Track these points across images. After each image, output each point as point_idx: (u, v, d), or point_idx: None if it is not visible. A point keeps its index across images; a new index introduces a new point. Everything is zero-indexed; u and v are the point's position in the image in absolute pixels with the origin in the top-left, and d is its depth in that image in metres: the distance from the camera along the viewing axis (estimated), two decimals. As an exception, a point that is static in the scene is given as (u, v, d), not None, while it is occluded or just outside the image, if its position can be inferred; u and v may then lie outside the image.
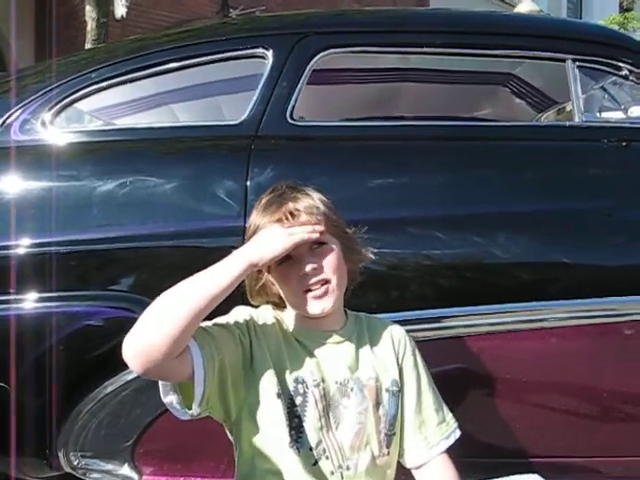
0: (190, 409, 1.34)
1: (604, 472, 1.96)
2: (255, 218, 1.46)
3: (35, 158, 1.95)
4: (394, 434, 1.47)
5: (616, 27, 13.13)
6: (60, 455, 1.84)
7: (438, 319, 1.83)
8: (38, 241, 1.82)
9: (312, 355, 1.45)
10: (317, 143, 2.00)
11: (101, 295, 1.83)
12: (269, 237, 1.38)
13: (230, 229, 1.77)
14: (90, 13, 6.62)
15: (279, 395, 1.38)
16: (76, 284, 1.83)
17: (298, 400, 1.39)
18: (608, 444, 1.92)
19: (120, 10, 7.57)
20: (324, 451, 1.40)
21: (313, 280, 1.41)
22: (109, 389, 1.80)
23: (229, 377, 1.36)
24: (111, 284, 1.86)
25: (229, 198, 1.83)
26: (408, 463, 1.50)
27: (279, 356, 1.42)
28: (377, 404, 1.45)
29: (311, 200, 1.44)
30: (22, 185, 1.91)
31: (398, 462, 1.51)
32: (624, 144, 2.01)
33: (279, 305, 1.52)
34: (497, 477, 1.46)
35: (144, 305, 1.76)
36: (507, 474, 1.47)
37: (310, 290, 1.42)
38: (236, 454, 1.46)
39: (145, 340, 1.23)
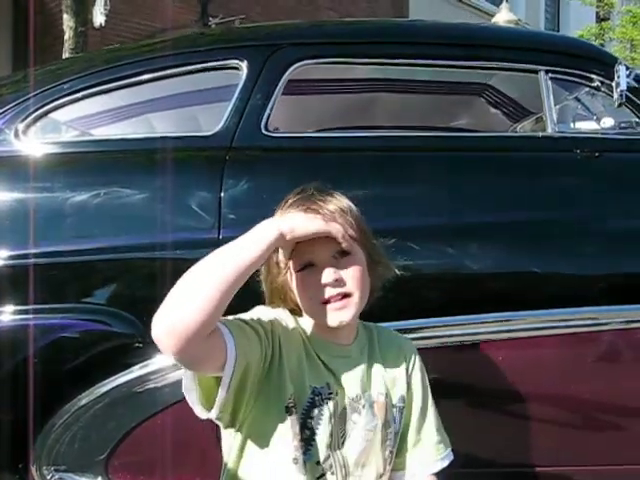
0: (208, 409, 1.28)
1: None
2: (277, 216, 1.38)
3: (8, 169, 1.93)
4: (395, 450, 1.45)
5: (593, 38, 13.28)
6: (33, 469, 1.82)
7: (418, 329, 1.83)
8: (11, 253, 1.80)
9: (328, 368, 1.39)
10: (292, 154, 2.00)
11: (75, 308, 1.82)
12: (303, 216, 1.31)
13: (204, 241, 1.76)
14: (68, 22, 6.57)
15: (288, 409, 1.32)
16: (50, 296, 1.81)
17: (314, 412, 1.34)
18: (581, 453, 1.93)
19: (99, 18, 7.53)
20: (330, 467, 1.35)
21: (333, 293, 1.34)
22: (83, 402, 1.79)
23: (249, 382, 1.29)
24: (85, 296, 1.85)
25: (203, 210, 1.82)
26: (397, 478, 1.47)
27: (299, 365, 1.36)
28: (386, 422, 1.42)
29: (341, 204, 1.36)
30: (-6, 196, 1.89)
31: None
32: (596, 155, 2.03)
33: (295, 312, 1.44)
34: None
35: (118, 317, 1.79)
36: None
37: (329, 301, 1.35)
38: (228, 461, 1.39)
39: (176, 316, 1.15)
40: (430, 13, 11.47)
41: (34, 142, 1.97)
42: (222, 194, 1.84)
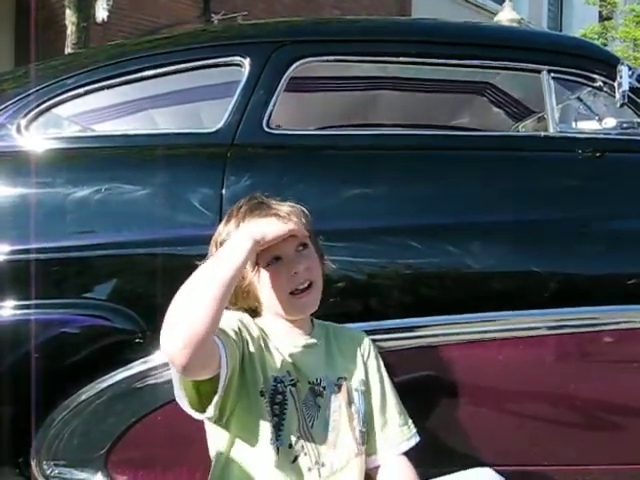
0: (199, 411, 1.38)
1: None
2: (233, 224, 1.49)
3: (10, 164, 1.93)
4: (367, 431, 1.53)
5: (595, 36, 13.26)
6: (33, 464, 1.83)
7: (415, 328, 1.84)
8: (13, 248, 1.80)
9: (287, 357, 1.50)
10: (294, 151, 2.00)
11: (76, 303, 1.82)
12: (268, 222, 1.44)
13: (205, 237, 1.76)
14: (70, 17, 6.58)
15: (262, 393, 1.43)
16: (51, 291, 1.82)
17: (278, 399, 1.44)
18: (578, 453, 1.93)
19: (101, 14, 7.54)
20: (302, 447, 1.45)
21: (302, 280, 1.49)
22: (83, 397, 1.79)
23: (234, 379, 1.41)
24: (87, 292, 1.85)
25: (205, 206, 1.83)
26: (372, 459, 1.56)
27: (261, 357, 1.47)
28: (349, 402, 1.51)
29: (291, 207, 1.51)
30: (-4, 191, 1.89)
31: None
32: (598, 155, 2.03)
33: (255, 311, 1.56)
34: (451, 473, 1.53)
35: (119, 313, 1.79)
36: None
37: (297, 290, 1.49)
38: (213, 455, 1.51)
39: (188, 329, 1.24)
40: (433, 11, 11.45)
41: (36, 137, 1.97)
42: (224, 191, 1.84)
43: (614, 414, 1.97)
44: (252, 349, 1.46)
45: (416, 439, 1.59)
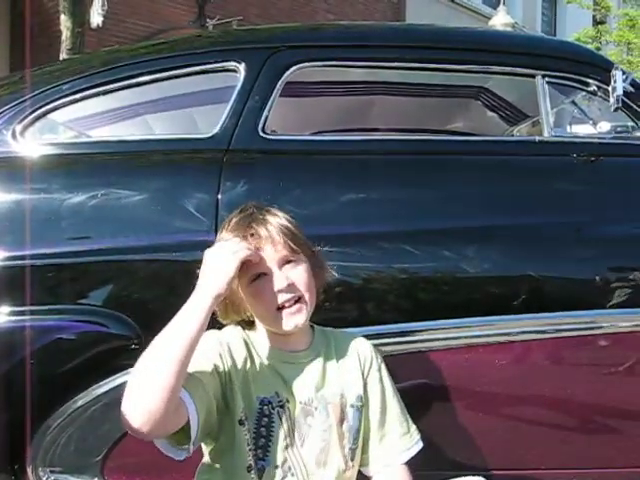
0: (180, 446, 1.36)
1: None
2: (223, 236, 1.48)
3: (5, 170, 1.93)
4: (357, 447, 1.51)
5: (589, 40, 13.30)
6: (29, 470, 1.82)
7: (410, 333, 1.84)
8: (8, 254, 1.80)
9: (279, 376, 1.48)
10: (289, 157, 2.01)
11: (72, 309, 1.82)
12: (215, 263, 1.38)
13: (201, 243, 1.76)
14: (65, 22, 6.57)
15: (241, 422, 1.41)
16: (47, 298, 1.82)
17: (264, 421, 1.43)
18: (573, 456, 1.94)
19: (96, 19, 7.52)
20: (289, 468, 1.43)
21: (287, 297, 1.44)
22: (79, 403, 1.79)
23: (214, 411, 1.40)
24: (83, 298, 1.85)
25: (200, 212, 1.83)
26: (371, 471, 1.55)
27: (245, 378, 1.45)
28: (341, 421, 1.49)
29: (278, 220, 1.47)
30: (-9, 198, 1.89)
31: (359, 472, 1.54)
32: (593, 159, 2.03)
33: (249, 324, 1.54)
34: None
35: (115, 319, 1.79)
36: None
37: (284, 307, 1.45)
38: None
39: (149, 401, 1.24)
40: (427, 16, 11.48)
41: (31, 143, 1.97)
42: (219, 196, 1.85)
43: (610, 417, 1.97)
44: (234, 378, 1.43)
45: (418, 447, 1.56)
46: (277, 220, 1.47)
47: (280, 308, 1.45)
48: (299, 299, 1.46)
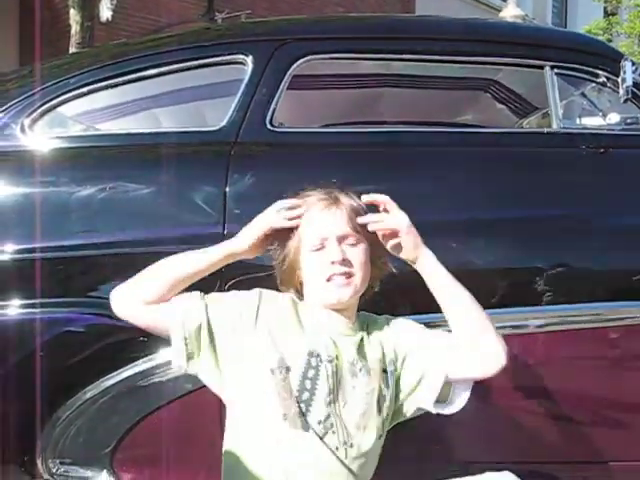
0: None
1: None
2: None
3: (14, 164, 1.94)
4: (388, 418, 1.55)
5: (600, 32, 13.21)
6: (38, 462, 1.83)
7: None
8: (18, 247, 1.81)
9: (327, 336, 1.53)
10: (297, 149, 2.01)
11: (81, 301, 1.83)
12: (253, 223, 1.55)
13: (209, 235, 1.77)
14: (74, 16, 6.59)
15: (273, 371, 1.45)
16: (56, 290, 1.82)
17: (310, 373, 1.47)
18: (582, 449, 1.94)
19: (105, 13, 7.55)
20: (331, 425, 1.46)
21: (339, 269, 1.51)
22: (88, 395, 1.80)
23: (222, 345, 1.51)
24: (91, 290, 1.86)
25: (208, 204, 1.83)
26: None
27: (291, 330, 1.52)
28: (380, 386, 1.52)
29: (349, 200, 1.56)
30: (0, 191, 1.90)
31: None
32: (602, 151, 2.02)
33: (300, 293, 1.61)
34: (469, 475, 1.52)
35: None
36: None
37: (333, 279, 1.51)
38: (226, 438, 1.54)
39: (139, 284, 1.57)
40: (437, 8, 11.41)
41: (40, 137, 1.97)
42: (227, 189, 1.85)
43: (617, 411, 1.96)
44: (270, 327, 1.51)
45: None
46: (348, 200, 1.55)
47: (329, 280, 1.51)
48: (350, 276, 1.51)
